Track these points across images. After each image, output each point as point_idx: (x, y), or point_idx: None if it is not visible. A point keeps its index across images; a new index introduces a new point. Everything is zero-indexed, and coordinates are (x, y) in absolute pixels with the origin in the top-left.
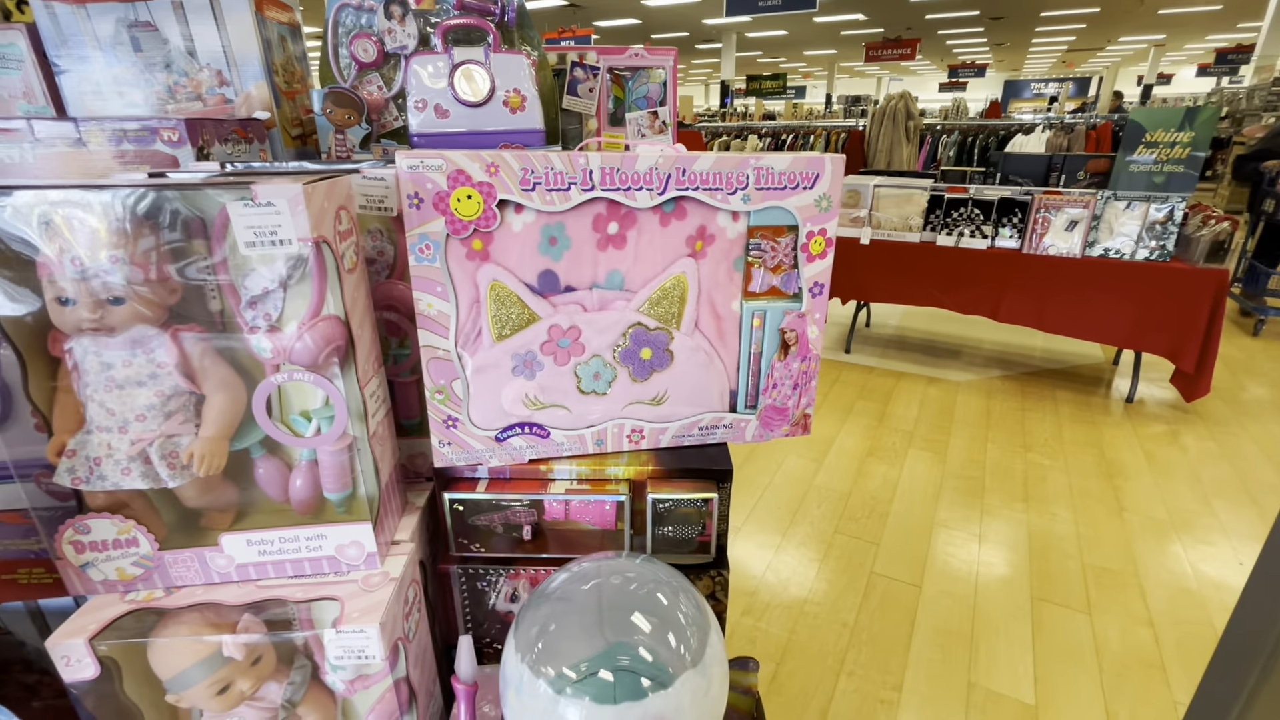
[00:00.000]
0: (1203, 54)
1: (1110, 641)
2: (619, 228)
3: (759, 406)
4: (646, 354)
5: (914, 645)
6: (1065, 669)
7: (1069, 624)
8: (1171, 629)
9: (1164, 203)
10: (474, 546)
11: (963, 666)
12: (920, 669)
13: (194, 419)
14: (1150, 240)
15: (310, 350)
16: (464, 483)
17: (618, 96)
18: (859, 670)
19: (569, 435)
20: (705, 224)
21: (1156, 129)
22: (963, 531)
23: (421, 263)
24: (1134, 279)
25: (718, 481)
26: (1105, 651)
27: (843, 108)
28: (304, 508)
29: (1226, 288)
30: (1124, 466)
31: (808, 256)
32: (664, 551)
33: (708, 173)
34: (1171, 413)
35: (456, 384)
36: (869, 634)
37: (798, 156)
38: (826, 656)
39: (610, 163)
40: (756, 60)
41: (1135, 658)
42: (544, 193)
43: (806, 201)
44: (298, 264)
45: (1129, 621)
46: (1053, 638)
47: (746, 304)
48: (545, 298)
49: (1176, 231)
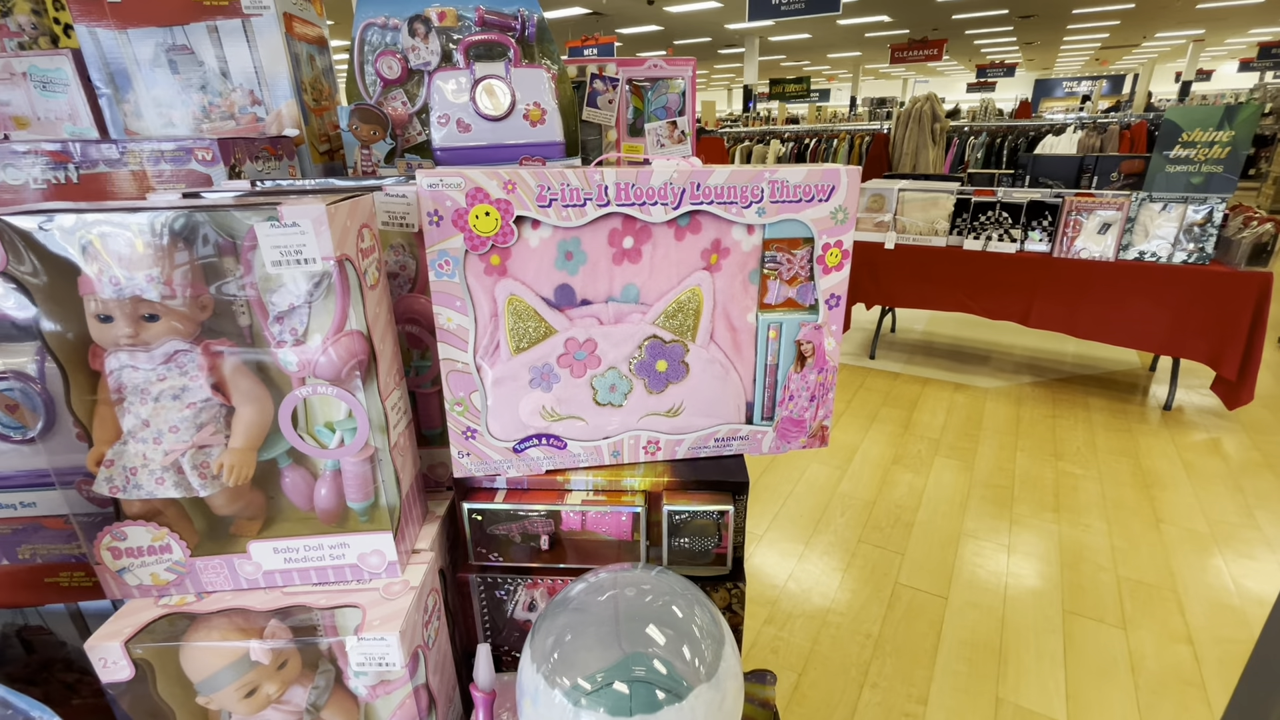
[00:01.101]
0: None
1: (1147, 658)
2: (634, 242)
3: (776, 418)
4: (662, 366)
5: (940, 658)
6: (1099, 686)
7: (1103, 639)
8: (1212, 646)
9: (1202, 204)
10: (492, 555)
11: (991, 681)
12: (946, 682)
13: (224, 430)
14: (1188, 243)
15: (333, 365)
16: (483, 493)
17: (637, 107)
18: (883, 682)
19: (586, 447)
20: (720, 237)
21: (1194, 128)
22: (990, 542)
23: (441, 278)
24: (1172, 283)
25: (734, 494)
26: (1141, 668)
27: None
28: (328, 516)
29: (1270, 291)
30: (1161, 476)
31: (824, 269)
32: (680, 563)
33: (722, 186)
34: (1212, 421)
35: (475, 396)
36: (893, 645)
37: (812, 169)
38: (849, 668)
39: (625, 178)
40: (780, 64)
41: (1173, 675)
42: (560, 208)
43: (822, 214)
44: (322, 281)
45: (1167, 638)
46: (1086, 653)
47: (762, 316)
48: (562, 311)
49: (1216, 234)
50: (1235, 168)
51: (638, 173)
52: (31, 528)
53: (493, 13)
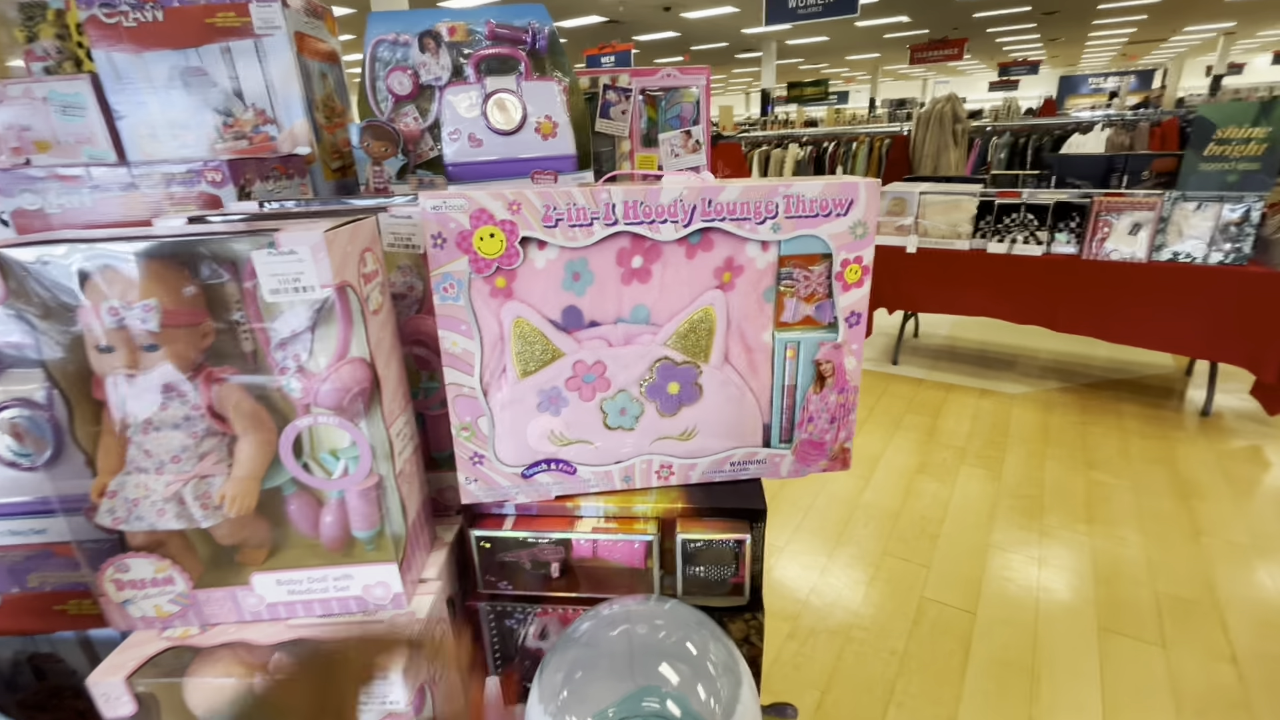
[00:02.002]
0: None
1: (1188, 678)
2: (643, 261)
3: (794, 441)
4: (674, 388)
5: (968, 676)
6: (1138, 708)
7: (1141, 658)
8: (1257, 665)
9: (1239, 203)
10: (502, 584)
11: (1023, 701)
12: (975, 702)
13: (226, 459)
14: (1225, 243)
15: (334, 394)
16: (491, 519)
17: (651, 117)
18: (909, 701)
19: (596, 472)
20: (733, 255)
21: (1228, 125)
22: (1020, 555)
23: (446, 301)
24: (1207, 284)
25: (751, 521)
26: (1183, 689)
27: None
28: (334, 544)
29: None
30: (1199, 486)
31: (843, 285)
32: (695, 593)
33: (734, 203)
34: (1252, 427)
35: (482, 421)
36: (919, 662)
37: (829, 182)
38: (874, 686)
39: (633, 196)
40: (798, 67)
41: (1218, 697)
42: (566, 229)
43: (840, 229)
44: (323, 308)
45: (1209, 656)
46: (1123, 673)
47: (779, 335)
48: (569, 333)
49: (1254, 233)
50: (1273, 164)
51: (646, 190)
52: (43, 555)
53: (503, 26)
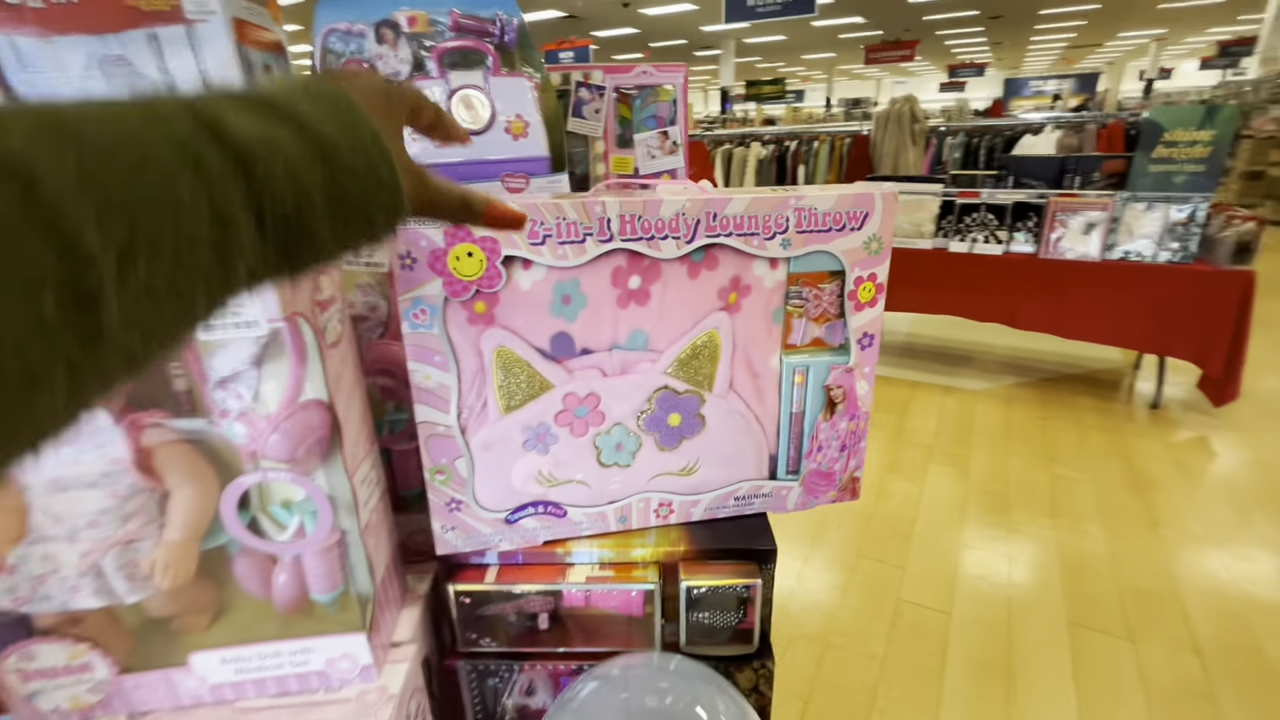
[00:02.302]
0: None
1: (1156, 672)
2: (641, 281)
3: (802, 471)
4: (675, 420)
5: (947, 678)
6: (1111, 704)
7: (1111, 652)
8: (1220, 656)
9: (1185, 203)
10: (484, 640)
11: (1001, 702)
12: (956, 706)
13: (157, 520)
14: (1172, 242)
15: (286, 445)
16: (471, 570)
17: (624, 117)
18: (891, 707)
19: (588, 513)
20: (739, 273)
21: (1175, 128)
22: (991, 552)
23: (416, 330)
24: (1156, 282)
25: (760, 563)
26: (1152, 683)
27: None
28: (290, 608)
29: (1253, 289)
30: (1154, 478)
31: (856, 305)
32: (699, 641)
33: (742, 216)
34: (1199, 419)
35: (460, 463)
36: (899, 666)
37: (843, 193)
38: (856, 693)
39: (631, 209)
40: (755, 66)
41: (1184, 689)
42: (555, 246)
43: (854, 244)
44: (271, 342)
45: (1174, 649)
46: (1095, 668)
47: (787, 359)
48: (559, 363)
49: (1200, 232)
50: (1217, 166)
51: (644, 203)
52: None
53: (468, 16)
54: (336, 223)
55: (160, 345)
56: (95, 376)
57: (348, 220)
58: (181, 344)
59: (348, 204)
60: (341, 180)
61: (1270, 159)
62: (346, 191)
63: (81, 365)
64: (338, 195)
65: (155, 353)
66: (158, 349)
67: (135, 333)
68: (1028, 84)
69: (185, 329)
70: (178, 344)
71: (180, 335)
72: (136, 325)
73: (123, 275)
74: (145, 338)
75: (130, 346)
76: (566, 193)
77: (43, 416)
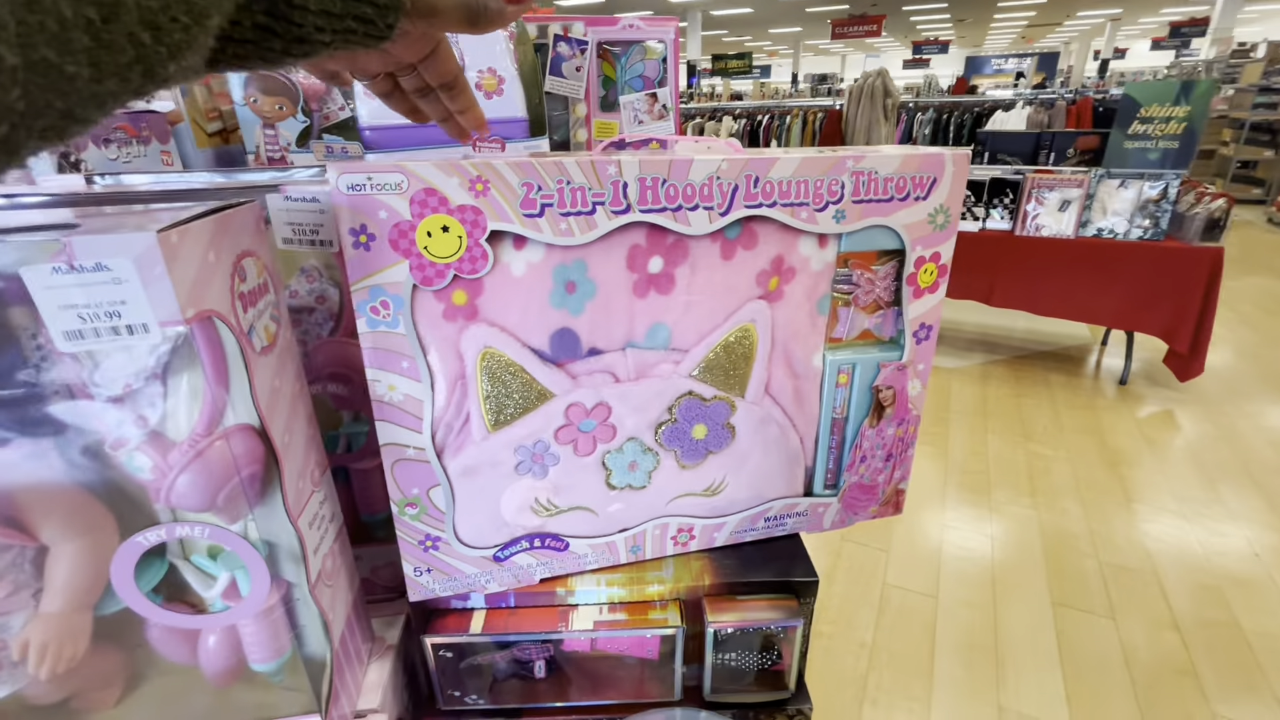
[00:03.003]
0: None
1: (1139, 649)
2: (664, 264)
3: (841, 486)
4: (700, 432)
5: (937, 664)
6: (1097, 682)
7: (1094, 631)
8: (1199, 631)
9: (1158, 180)
10: (469, 697)
11: (991, 687)
12: (947, 692)
13: (33, 585)
14: (1143, 219)
15: (198, 492)
16: (451, 616)
17: (608, 76)
18: (883, 697)
19: (594, 544)
20: (783, 253)
21: (1151, 104)
22: (974, 533)
23: (377, 328)
24: (1128, 259)
25: (799, 596)
26: (1135, 661)
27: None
28: (223, 678)
29: (1221, 266)
30: (1126, 454)
31: (915, 291)
32: (725, 687)
33: (789, 181)
34: (1165, 394)
35: (435, 492)
36: (889, 654)
37: (909, 154)
38: (848, 684)
39: (653, 171)
40: (721, 39)
41: (1167, 666)
42: (556, 218)
43: (918, 217)
44: (177, 347)
45: (1155, 625)
46: (1079, 647)
47: (830, 355)
48: (561, 367)
49: (1170, 209)
50: (1191, 143)
51: (670, 163)
52: None
53: None
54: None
55: (167, 53)
56: (111, 52)
57: None
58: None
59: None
60: None
61: (1222, 138)
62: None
63: (101, 33)
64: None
65: (160, 59)
66: (165, 58)
67: (144, 27)
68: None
69: (187, 45)
70: (174, 64)
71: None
72: (145, 14)
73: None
74: (155, 33)
75: (140, 35)
76: (544, 149)
77: (71, 83)
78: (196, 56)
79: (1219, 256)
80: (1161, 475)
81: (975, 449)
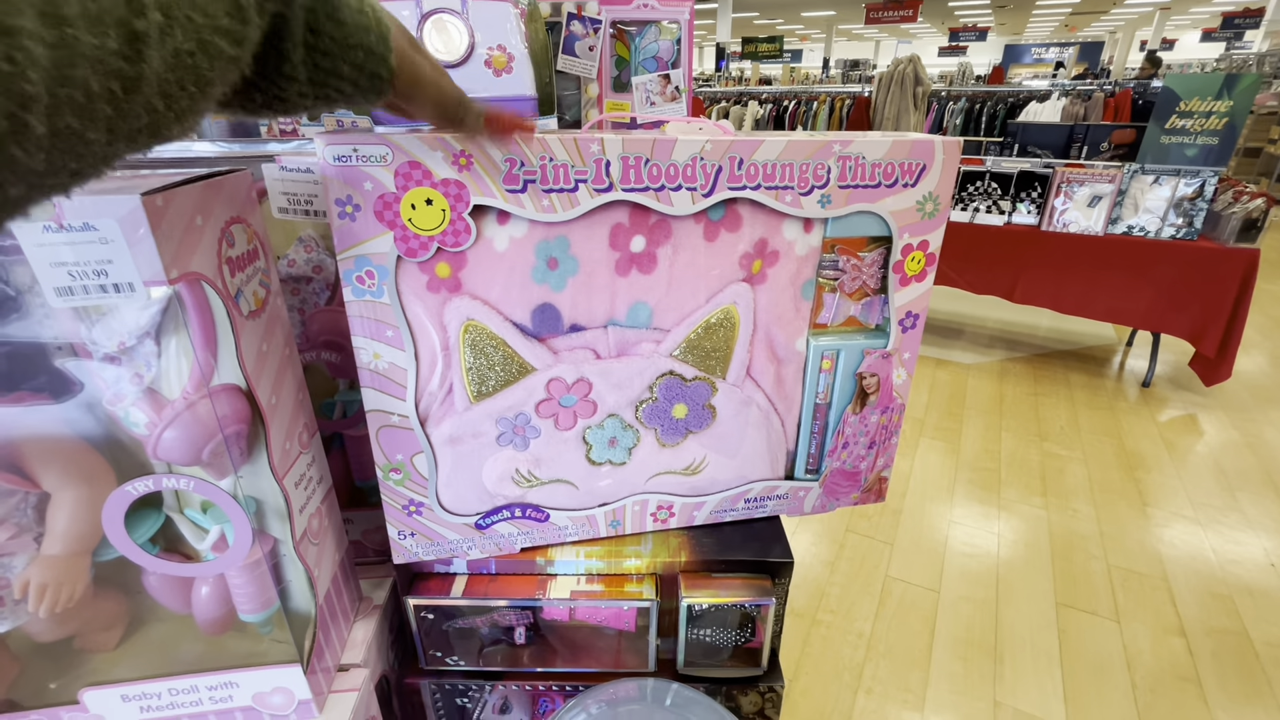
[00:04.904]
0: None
1: (1142, 653)
2: (646, 243)
3: (823, 471)
4: (680, 411)
5: (935, 658)
6: (1096, 684)
7: (1097, 633)
8: (1205, 639)
9: (1195, 177)
10: (451, 658)
11: (987, 682)
12: (942, 686)
13: (35, 529)
14: (1177, 217)
15: (183, 445)
16: (435, 581)
17: (621, 56)
18: (878, 687)
19: (574, 517)
20: (767, 236)
21: (1192, 97)
22: (980, 530)
23: (362, 297)
24: (1158, 258)
25: (773, 576)
26: (1137, 665)
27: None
28: (214, 627)
29: (1256, 269)
30: (1144, 457)
31: (901, 279)
32: (699, 661)
33: (774, 164)
34: (1190, 398)
35: (419, 459)
36: (886, 645)
37: (898, 140)
38: (843, 672)
39: (636, 150)
40: (752, 22)
41: (1169, 671)
42: (539, 195)
43: (906, 204)
44: (167, 309)
45: (1161, 630)
46: (1081, 649)
47: (814, 340)
48: (542, 342)
49: (1206, 208)
50: (1231, 139)
51: (653, 142)
52: None
53: None
54: (313, 54)
55: (174, 118)
56: (127, 119)
57: (325, 59)
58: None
59: (326, 39)
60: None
61: (1270, 135)
62: (326, 29)
63: (122, 104)
64: (316, 25)
65: (167, 123)
66: (171, 121)
67: (159, 96)
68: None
69: (191, 111)
70: (179, 126)
71: (187, 114)
72: (162, 85)
73: (163, 30)
74: (167, 101)
75: (154, 103)
76: (553, 128)
77: (88, 146)
78: (198, 118)
79: (1254, 258)
80: (1179, 481)
81: (988, 446)
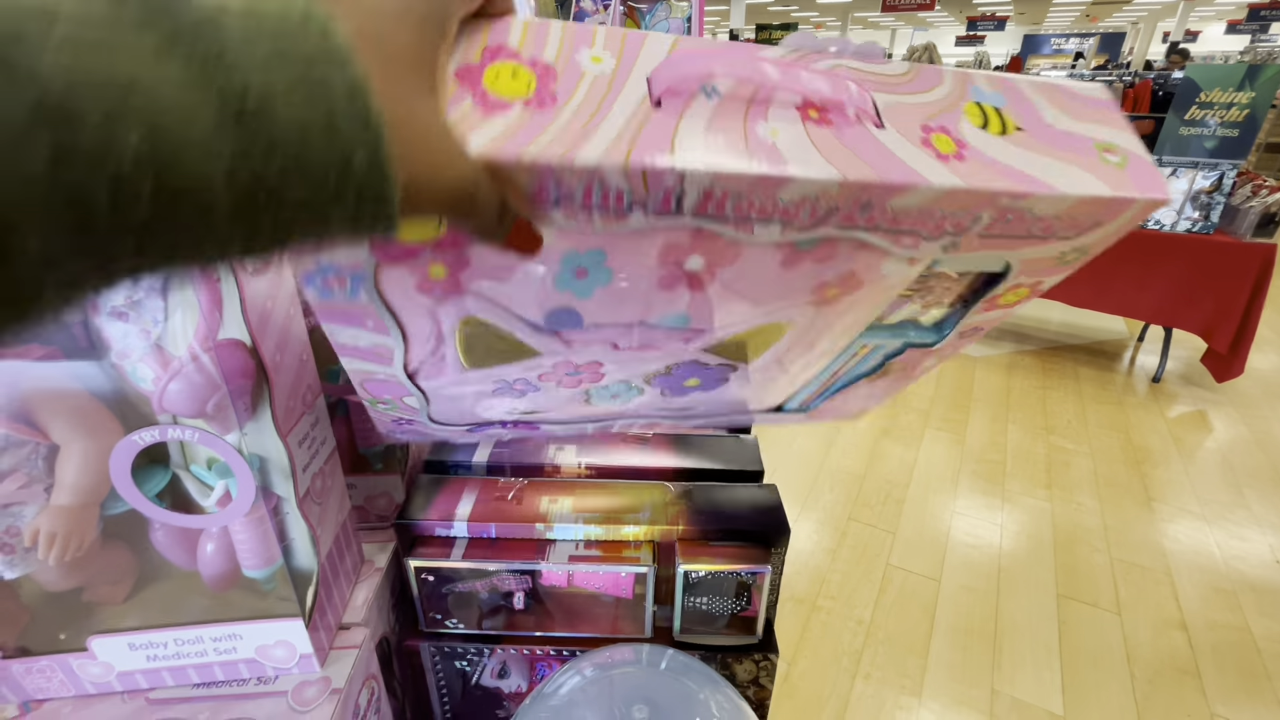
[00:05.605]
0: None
1: (1142, 645)
2: (704, 263)
3: (812, 409)
4: (693, 383)
5: (934, 646)
6: (1095, 675)
7: (1098, 624)
8: (1206, 633)
9: (1213, 170)
10: (450, 621)
11: (985, 670)
12: (940, 673)
13: (45, 479)
14: (1193, 211)
15: (187, 398)
16: (435, 544)
17: None
18: (875, 673)
19: (565, 429)
20: (857, 269)
21: (1213, 88)
22: (984, 520)
23: (328, 299)
24: (1173, 252)
25: (769, 547)
26: (1137, 657)
27: None
28: (220, 583)
29: (1273, 264)
30: (1152, 452)
31: (988, 304)
32: (695, 628)
33: (917, 210)
34: (1200, 394)
35: (408, 399)
36: (885, 632)
37: (1086, 198)
38: (841, 657)
39: (728, 186)
40: (767, 9)
41: (1169, 664)
42: (575, 210)
43: (1049, 253)
44: None
45: (1162, 624)
46: (1081, 640)
47: (861, 335)
48: (556, 335)
49: (1224, 202)
50: (1252, 131)
51: (756, 180)
52: None
53: None
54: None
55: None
56: None
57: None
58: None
59: (275, 200)
60: (267, 165)
61: None
62: (272, 182)
63: None
64: (252, 187)
65: None
66: None
67: None
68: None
69: None
70: None
71: None
72: None
73: None
74: None
75: None
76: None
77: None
78: None
79: (1271, 254)
80: (1186, 476)
81: (994, 438)
